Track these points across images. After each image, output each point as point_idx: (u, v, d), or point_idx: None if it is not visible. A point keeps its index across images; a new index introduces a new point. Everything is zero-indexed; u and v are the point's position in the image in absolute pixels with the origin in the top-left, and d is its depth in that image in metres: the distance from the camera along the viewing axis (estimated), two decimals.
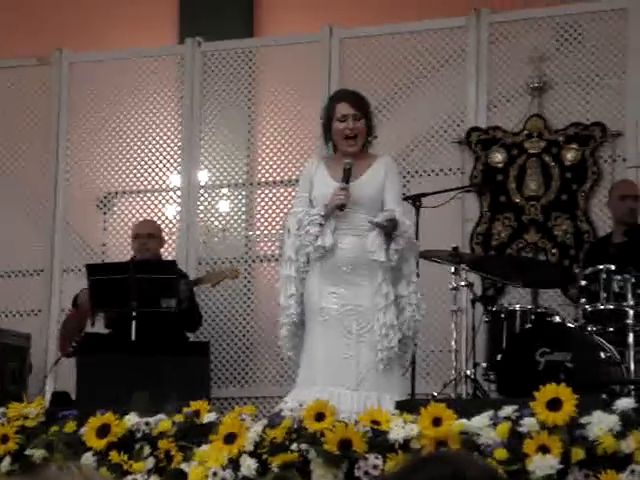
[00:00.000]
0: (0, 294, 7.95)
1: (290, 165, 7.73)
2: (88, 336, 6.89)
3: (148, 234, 7.18)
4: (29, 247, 7.95)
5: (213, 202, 7.84)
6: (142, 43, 8.21)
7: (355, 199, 5.08)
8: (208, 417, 4.20)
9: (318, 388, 4.88)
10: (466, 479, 1.58)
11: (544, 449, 3.73)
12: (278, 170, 7.76)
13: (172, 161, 7.92)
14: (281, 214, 7.71)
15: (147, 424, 4.24)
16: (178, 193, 7.88)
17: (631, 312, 5.89)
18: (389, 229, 5.02)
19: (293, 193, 7.72)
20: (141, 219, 7.71)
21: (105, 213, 7.96)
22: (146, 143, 7.96)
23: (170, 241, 7.78)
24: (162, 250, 7.60)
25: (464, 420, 3.89)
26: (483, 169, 7.34)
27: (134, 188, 7.95)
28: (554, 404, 3.82)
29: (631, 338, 5.85)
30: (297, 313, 5.06)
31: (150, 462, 4.16)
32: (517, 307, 6.29)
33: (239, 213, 7.80)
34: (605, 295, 5.96)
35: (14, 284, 7.97)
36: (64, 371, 7.23)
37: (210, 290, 7.49)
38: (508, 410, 3.89)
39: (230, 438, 4.04)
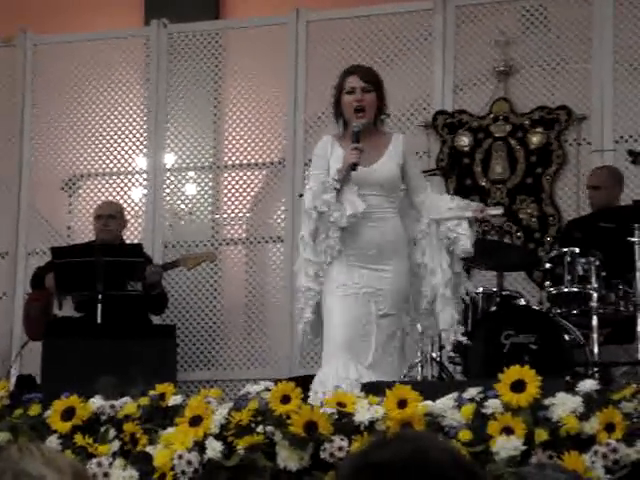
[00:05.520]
0: None
1: (257, 148, 7.71)
2: (55, 319, 6.87)
3: (109, 215, 7.14)
4: None
5: (179, 185, 7.82)
6: (107, 25, 8.15)
7: (378, 182, 5.00)
8: (174, 400, 4.20)
9: (341, 363, 4.81)
10: (427, 458, 1.59)
11: (508, 430, 3.75)
12: (245, 153, 7.74)
13: (138, 143, 7.89)
14: (248, 197, 7.71)
15: (112, 407, 4.23)
16: (144, 176, 7.85)
17: (595, 295, 5.93)
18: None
19: (260, 176, 7.74)
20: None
21: (70, 196, 7.92)
22: (112, 125, 7.92)
23: (136, 224, 7.75)
24: (128, 233, 7.58)
25: (429, 402, 3.91)
26: (449, 152, 7.36)
27: (100, 171, 7.91)
28: (518, 386, 3.84)
29: (595, 321, 5.90)
30: (318, 293, 4.94)
31: (115, 445, 4.15)
32: (482, 290, 6.32)
33: (205, 196, 7.78)
34: (569, 278, 6.00)
35: None
36: (29, 354, 7.19)
37: (177, 273, 7.48)
38: (472, 392, 3.92)
39: (196, 421, 4.04)
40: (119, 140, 7.90)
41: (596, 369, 5.79)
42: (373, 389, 4.14)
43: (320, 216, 4.96)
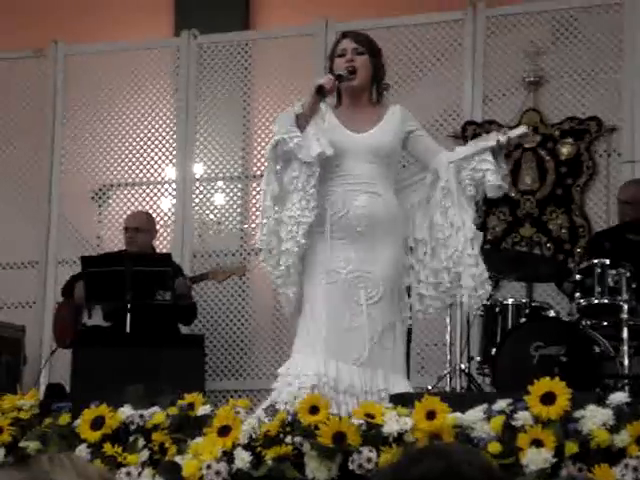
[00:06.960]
0: None
1: None
2: (84, 328, 6.89)
3: (134, 228, 7.13)
4: (24, 239, 7.95)
5: (208, 195, 7.84)
6: (138, 35, 8.20)
7: (372, 149, 4.71)
8: (202, 410, 4.20)
9: (321, 359, 4.55)
10: (461, 474, 1.57)
11: (538, 443, 3.73)
12: None
13: (167, 154, 7.92)
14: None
15: (141, 416, 4.24)
16: (173, 186, 7.87)
17: (625, 306, 5.90)
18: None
19: None
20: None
21: (100, 205, 7.96)
22: (141, 135, 7.95)
23: (165, 234, 7.78)
24: (157, 243, 7.60)
25: (458, 413, 3.89)
26: None
27: (129, 181, 7.94)
28: (548, 398, 3.82)
29: (625, 332, 5.86)
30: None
31: (144, 454, 4.16)
32: (512, 301, 6.30)
33: (234, 206, 7.79)
34: (600, 289, 5.97)
35: (9, 276, 7.96)
36: (59, 363, 7.23)
37: (206, 283, 7.49)
38: (502, 404, 3.89)
39: (224, 431, 4.04)
40: (148, 150, 7.93)
41: (626, 381, 5.75)
42: (402, 400, 4.12)
43: (276, 146, 4.64)
